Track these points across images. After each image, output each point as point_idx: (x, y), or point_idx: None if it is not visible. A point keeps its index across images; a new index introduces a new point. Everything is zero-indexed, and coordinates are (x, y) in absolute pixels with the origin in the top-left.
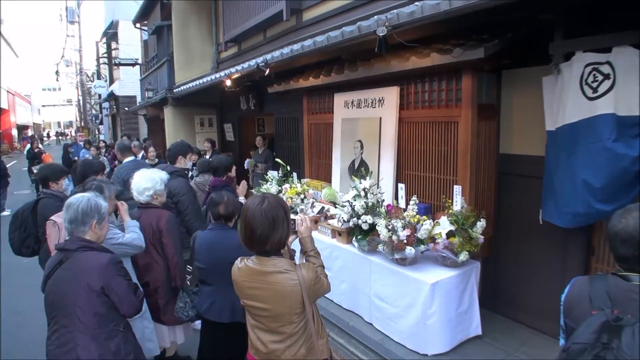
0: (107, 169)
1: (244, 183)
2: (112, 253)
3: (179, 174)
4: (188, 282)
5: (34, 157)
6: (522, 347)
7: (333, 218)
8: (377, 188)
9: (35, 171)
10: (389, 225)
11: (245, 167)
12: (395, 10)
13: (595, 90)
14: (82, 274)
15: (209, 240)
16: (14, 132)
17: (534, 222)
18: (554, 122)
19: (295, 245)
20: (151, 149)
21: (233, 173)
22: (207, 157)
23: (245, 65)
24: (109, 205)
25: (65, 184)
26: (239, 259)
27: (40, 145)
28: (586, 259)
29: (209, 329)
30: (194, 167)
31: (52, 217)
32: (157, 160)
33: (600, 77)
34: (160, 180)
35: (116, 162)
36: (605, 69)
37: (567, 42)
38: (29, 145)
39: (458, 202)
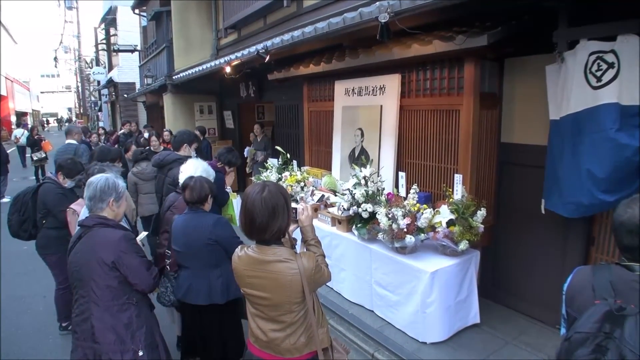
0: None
1: (232, 174)
2: (127, 230)
3: (181, 162)
4: (168, 267)
5: (34, 144)
6: (521, 336)
7: (333, 206)
8: (378, 176)
9: (35, 158)
10: (389, 214)
11: (245, 155)
12: None
13: (599, 79)
14: (96, 249)
15: (183, 225)
16: (13, 118)
17: (534, 212)
18: (558, 111)
19: (297, 234)
20: (153, 138)
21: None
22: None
23: (245, 52)
24: None
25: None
26: (239, 247)
27: (40, 133)
28: (586, 249)
29: (187, 312)
30: (197, 156)
31: (72, 206)
32: (162, 148)
33: (604, 66)
34: (210, 173)
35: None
36: (610, 57)
37: (572, 30)
38: (23, 131)
39: (459, 191)
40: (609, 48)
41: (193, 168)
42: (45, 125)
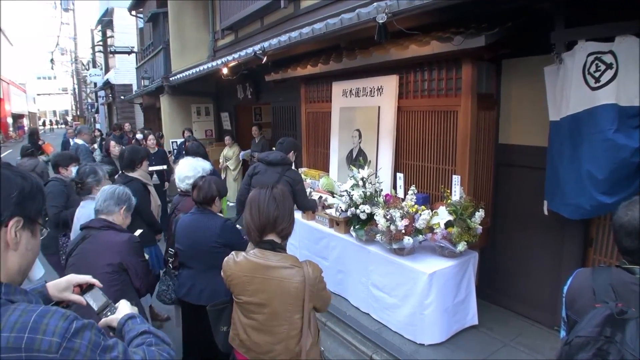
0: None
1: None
2: (132, 234)
3: (291, 165)
4: (170, 265)
5: (37, 151)
6: (518, 337)
7: (331, 207)
8: (376, 177)
9: None
10: (387, 215)
11: (241, 159)
12: None
13: (597, 80)
14: (102, 250)
15: (189, 224)
16: (9, 120)
17: (532, 213)
18: (558, 112)
19: (291, 249)
20: (150, 136)
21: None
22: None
23: (242, 53)
24: (104, 184)
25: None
26: (233, 252)
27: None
28: (584, 251)
29: (187, 312)
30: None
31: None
32: (157, 149)
33: (602, 67)
34: (203, 169)
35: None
36: (608, 58)
37: (569, 31)
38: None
39: (457, 192)
40: (607, 49)
41: (185, 167)
42: (42, 127)
